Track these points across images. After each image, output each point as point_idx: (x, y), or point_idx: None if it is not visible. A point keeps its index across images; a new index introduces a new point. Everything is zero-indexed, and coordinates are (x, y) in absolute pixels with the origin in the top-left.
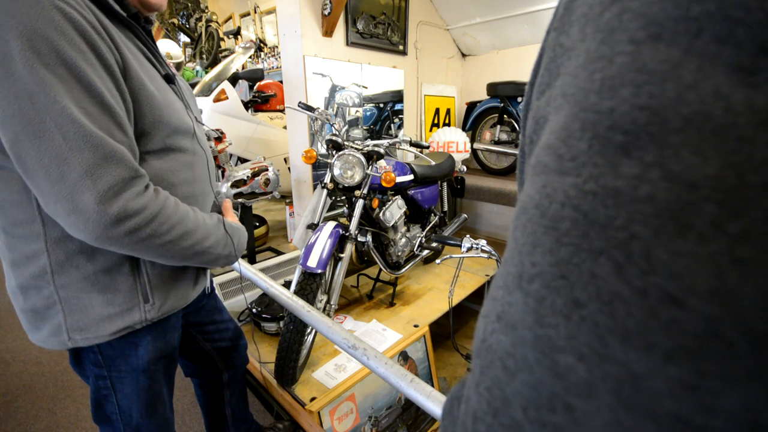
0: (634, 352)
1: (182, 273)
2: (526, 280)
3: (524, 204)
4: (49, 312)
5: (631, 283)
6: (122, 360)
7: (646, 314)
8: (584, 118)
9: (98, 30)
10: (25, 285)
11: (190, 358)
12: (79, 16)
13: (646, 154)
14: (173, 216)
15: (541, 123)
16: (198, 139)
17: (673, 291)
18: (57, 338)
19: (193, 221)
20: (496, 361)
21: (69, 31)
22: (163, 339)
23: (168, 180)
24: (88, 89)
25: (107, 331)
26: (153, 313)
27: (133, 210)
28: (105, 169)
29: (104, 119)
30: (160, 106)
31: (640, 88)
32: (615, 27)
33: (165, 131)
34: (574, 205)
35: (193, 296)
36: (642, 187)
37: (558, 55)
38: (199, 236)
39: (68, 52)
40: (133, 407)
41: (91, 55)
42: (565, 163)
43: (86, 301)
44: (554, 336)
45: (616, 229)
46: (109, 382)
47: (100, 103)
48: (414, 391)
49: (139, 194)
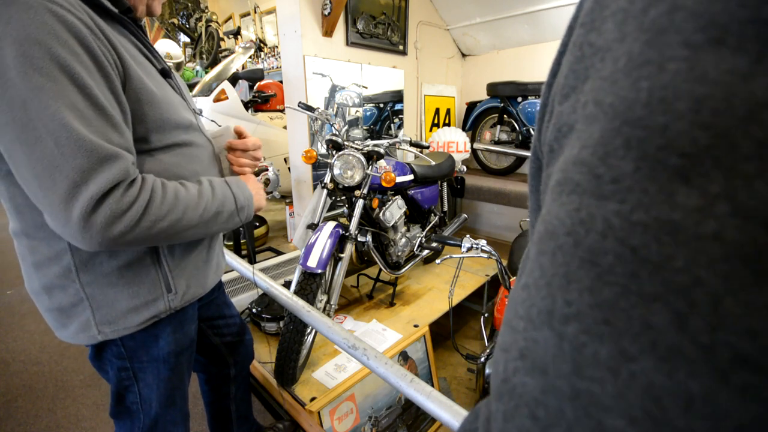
0: (699, 422)
1: (201, 262)
2: (560, 319)
3: (551, 227)
4: (76, 309)
5: (695, 339)
6: (144, 351)
7: (715, 378)
8: (628, 134)
9: (94, 31)
10: (49, 285)
11: (200, 352)
12: (73, 17)
13: (710, 184)
14: (166, 196)
15: (565, 131)
16: (197, 131)
17: (748, 352)
18: (86, 333)
19: (186, 194)
20: (522, 408)
21: (62, 33)
22: (181, 330)
23: (179, 174)
24: (83, 91)
25: (134, 322)
26: (176, 302)
27: (125, 206)
28: (99, 173)
29: (100, 122)
30: (160, 103)
31: (701, 103)
32: (665, 27)
33: (167, 127)
34: (619, 237)
35: (211, 285)
36: (706, 222)
37: (587, 55)
38: (201, 204)
39: (62, 55)
40: (153, 397)
41: (85, 57)
42: (605, 186)
43: (112, 295)
44: (598, 393)
45: (675, 271)
46: (131, 372)
47: (95, 106)
48: (414, 391)
49: (126, 190)
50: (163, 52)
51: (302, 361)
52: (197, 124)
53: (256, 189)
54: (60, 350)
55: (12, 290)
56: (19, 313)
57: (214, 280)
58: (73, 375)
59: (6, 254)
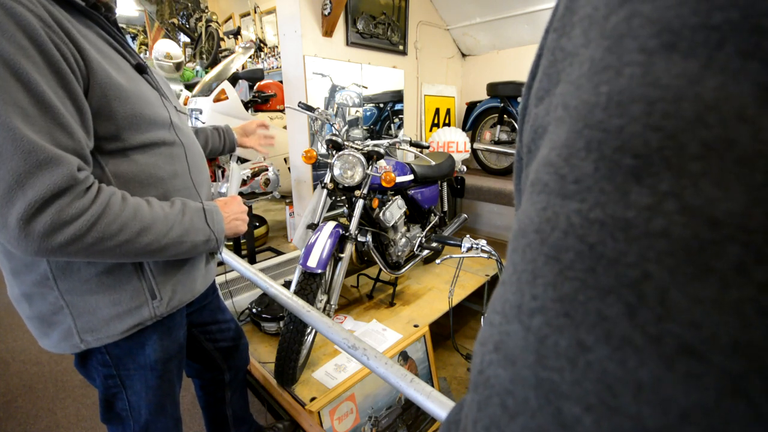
0: (648, 408)
1: (187, 267)
2: (526, 313)
3: (523, 226)
4: (57, 317)
5: (644, 330)
6: (130, 359)
7: (662, 366)
8: (589, 135)
9: (47, 23)
10: (28, 293)
11: (193, 358)
12: (23, 9)
13: (659, 182)
14: (122, 214)
15: (540, 133)
16: (176, 129)
17: (691, 342)
18: (68, 342)
19: (149, 214)
20: (494, 397)
21: (8, 26)
22: (169, 337)
23: (156, 174)
24: (27, 88)
25: (117, 330)
26: (162, 309)
27: (69, 216)
28: (37, 177)
29: (45, 121)
30: (130, 98)
31: (653, 106)
32: (623, 33)
33: (142, 124)
34: (579, 234)
35: (200, 290)
36: (655, 219)
37: (558, 60)
38: (161, 228)
39: (6, 49)
40: (143, 404)
41: (33, 51)
42: (568, 186)
43: (93, 303)
44: (558, 381)
45: (627, 266)
46: (118, 380)
47: (40, 103)
48: (414, 391)
49: (76, 199)
50: (163, 52)
51: (302, 361)
52: (179, 122)
53: (237, 214)
54: None
55: None
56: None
57: (203, 284)
58: (73, 375)
59: None
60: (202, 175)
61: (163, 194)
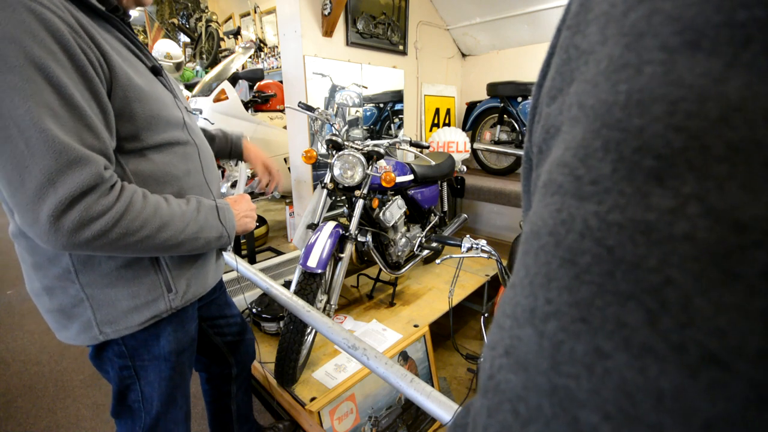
0: (669, 418)
1: (200, 262)
2: (540, 317)
3: (536, 227)
4: (77, 309)
5: (666, 337)
6: (145, 350)
7: (685, 374)
8: (607, 135)
9: (75, 29)
10: (50, 286)
11: (201, 352)
12: (52, 15)
13: (683, 185)
14: (144, 211)
15: (553, 133)
16: (189, 129)
17: (716, 350)
18: (87, 334)
19: (167, 211)
20: (505, 404)
21: (39, 31)
22: (182, 329)
23: (172, 173)
24: (57, 91)
25: (136, 322)
26: (177, 302)
27: (96, 213)
28: (67, 175)
29: (73, 122)
30: (149, 99)
31: (676, 106)
32: (643, 31)
33: (159, 125)
34: (596, 237)
35: (211, 284)
36: (678, 223)
37: (572, 58)
38: (179, 225)
39: (37, 53)
40: (155, 395)
41: (62, 55)
42: (585, 187)
43: (112, 295)
44: (574, 388)
45: (647, 271)
46: (133, 371)
47: (70, 105)
48: (414, 391)
49: (102, 196)
50: (163, 52)
51: (302, 361)
52: (191, 122)
53: (246, 211)
54: (60, 350)
55: (12, 290)
56: (19, 313)
57: (214, 279)
58: (73, 375)
59: (6, 254)
60: (213, 173)
61: (178, 191)
